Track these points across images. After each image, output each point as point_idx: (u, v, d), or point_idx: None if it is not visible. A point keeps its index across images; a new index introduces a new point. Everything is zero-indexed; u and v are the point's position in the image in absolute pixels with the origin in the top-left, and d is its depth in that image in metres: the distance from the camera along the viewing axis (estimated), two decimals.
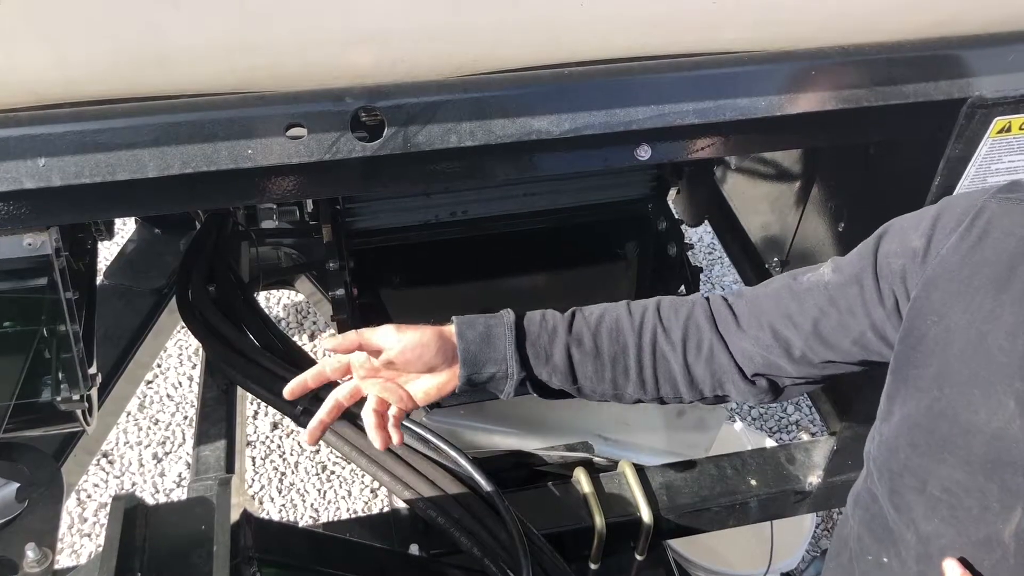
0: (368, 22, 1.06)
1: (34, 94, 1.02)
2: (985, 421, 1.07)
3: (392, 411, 1.26)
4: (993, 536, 1.07)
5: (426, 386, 1.30)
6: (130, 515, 1.37)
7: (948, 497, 1.12)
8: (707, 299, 1.29)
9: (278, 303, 3.64)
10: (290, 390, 1.23)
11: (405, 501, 1.57)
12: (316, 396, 1.60)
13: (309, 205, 2.01)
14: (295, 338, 3.45)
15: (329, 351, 1.24)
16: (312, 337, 3.53)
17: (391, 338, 1.25)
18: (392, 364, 1.27)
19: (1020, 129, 1.33)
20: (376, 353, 1.26)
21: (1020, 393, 1.03)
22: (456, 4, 1.07)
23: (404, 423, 1.61)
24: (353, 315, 1.87)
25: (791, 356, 1.23)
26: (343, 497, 2.98)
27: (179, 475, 3.01)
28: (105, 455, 3.05)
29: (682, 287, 2.09)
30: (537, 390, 1.34)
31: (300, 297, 3.42)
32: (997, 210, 1.06)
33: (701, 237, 3.91)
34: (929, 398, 1.12)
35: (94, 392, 1.42)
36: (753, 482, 1.88)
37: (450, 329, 1.30)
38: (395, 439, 1.24)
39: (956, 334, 1.09)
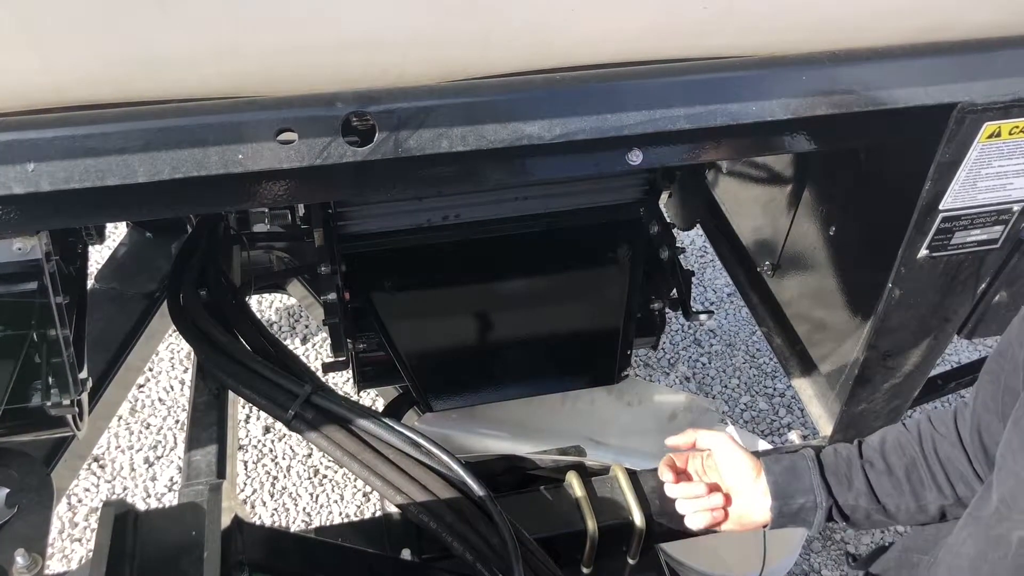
0: (359, 28, 1.06)
1: (23, 99, 1.02)
2: None
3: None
4: (1004, 536, 1.09)
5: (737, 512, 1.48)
6: (120, 521, 1.37)
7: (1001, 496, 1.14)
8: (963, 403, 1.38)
9: (270, 307, 3.63)
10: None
11: (397, 506, 1.57)
12: (308, 400, 1.60)
13: (301, 209, 2.01)
14: (287, 342, 3.45)
15: (669, 446, 1.53)
16: (304, 341, 3.52)
17: (726, 447, 1.47)
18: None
19: (1010, 134, 1.33)
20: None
21: None
22: (447, 10, 1.07)
23: (395, 425, 1.61)
24: (345, 319, 1.87)
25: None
26: (335, 501, 2.98)
27: (171, 479, 3.00)
28: (96, 459, 3.04)
29: (674, 291, 2.09)
30: (843, 519, 1.43)
31: (292, 301, 3.41)
32: None
33: (693, 240, 3.92)
34: (1020, 404, 1.15)
35: (85, 397, 1.41)
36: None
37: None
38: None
39: None
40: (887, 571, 1.57)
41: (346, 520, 2.87)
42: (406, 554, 1.63)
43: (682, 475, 1.58)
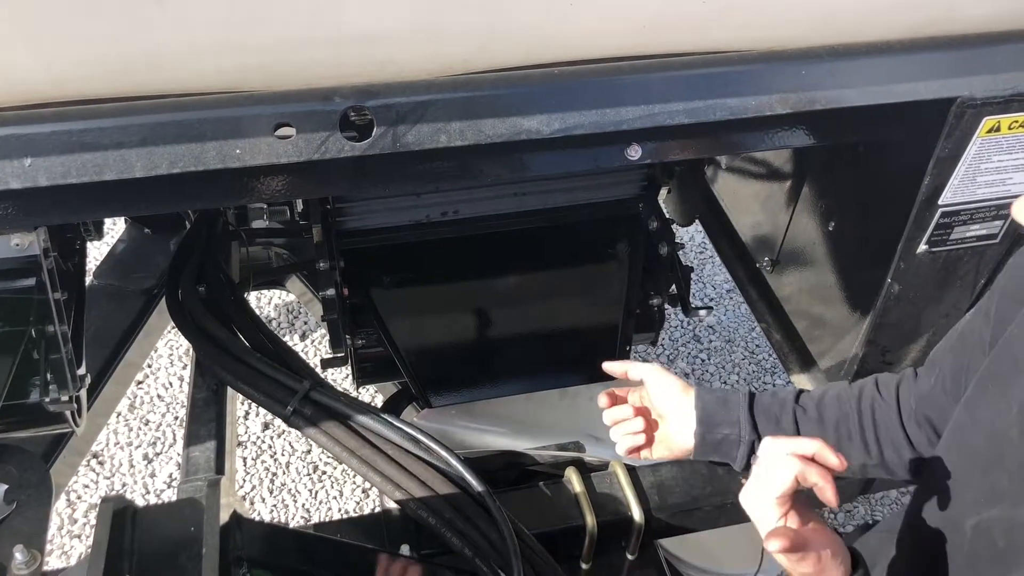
0: (357, 22, 1.06)
1: (20, 94, 1.02)
2: (989, 420, 1.09)
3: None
4: (959, 522, 1.10)
5: (664, 437, 1.47)
6: (119, 517, 1.37)
7: (950, 479, 1.14)
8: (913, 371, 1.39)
9: (269, 303, 3.63)
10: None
11: (396, 502, 1.57)
12: (306, 396, 1.60)
13: (299, 205, 2.00)
14: (286, 338, 3.44)
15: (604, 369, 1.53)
16: (303, 337, 3.52)
17: (656, 374, 1.47)
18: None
19: (1009, 129, 1.33)
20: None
21: (1023, 403, 1.05)
22: (445, 4, 1.07)
23: (394, 421, 1.61)
24: (343, 315, 1.87)
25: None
26: (334, 497, 2.98)
27: (170, 476, 3.00)
28: (95, 456, 3.04)
29: (673, 287, 2.09)
30: None
31: (291, 297, 3.41)
32: None
33: (692, 236, 3.91)
34: (972, 391, 1.16)
35: (83, 393, 1.41)
36: (744, 481, 1.87)
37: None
38: None
39: (1008, 338, 1.13)
40: (869, 552, 1.58)
41: (345, 516, 2.87)
42: (405, 550, 1.63)
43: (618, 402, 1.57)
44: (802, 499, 1.12)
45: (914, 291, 1.55)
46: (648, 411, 1.50)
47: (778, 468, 1.09)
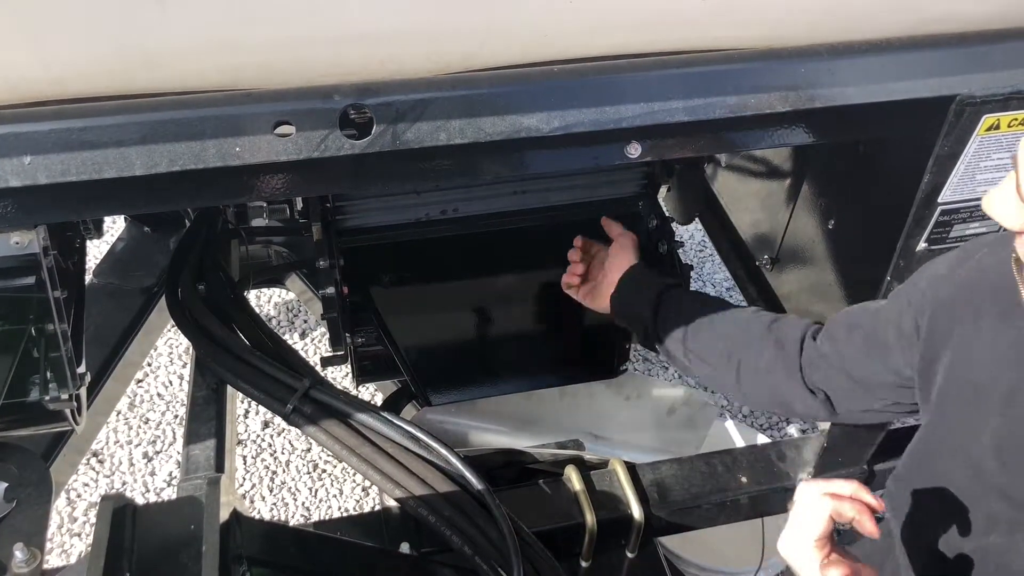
0: (357, 20, 1.06)
1: (18, 92, 1.02)
2: (964, 450, 1.09)
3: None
4: (951, 551, 1.10)
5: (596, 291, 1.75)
6: (118, 515, 1.37)
7: (941, 510, 1.14)
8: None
9: (268, 301, 3.63)
10: None
11: (396, 500, 1.57)
12: (306, 394, 1.60)
13: (299, 203, 2.00)
14: (285, 336, 3.45)
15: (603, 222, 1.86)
16: (303, 335, 3.52)
17: (623, 240, 1.76)
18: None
19: (1008, 126, 1.33)
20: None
21: (996, 430, 1.05)
22: (445, 2, 1.07)
23: (394, 419, 1.61)
24: (343, 313, 1.87)
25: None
26: (334, 496, 2.98)
27: (169, 474, 3.00)
28: (95, 454, 3.04)
29: None
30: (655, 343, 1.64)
31: (291, 295, 3.41)
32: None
33: (692, 235, 3.92)
34: (933, 416, 1.15)
35: (83, 391, 1.41)
36: (744, 479, 1.88)
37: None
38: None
39: (955, 359, 1.12)
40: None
41: (345, 514, 2.87)
42: (405, 548, 1.63)
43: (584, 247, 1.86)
44: (839, 543, 1.09)
45: None
46: (602, 263, 1.77)
47: (813, 509, 1.05)
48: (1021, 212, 0.94)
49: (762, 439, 2.67)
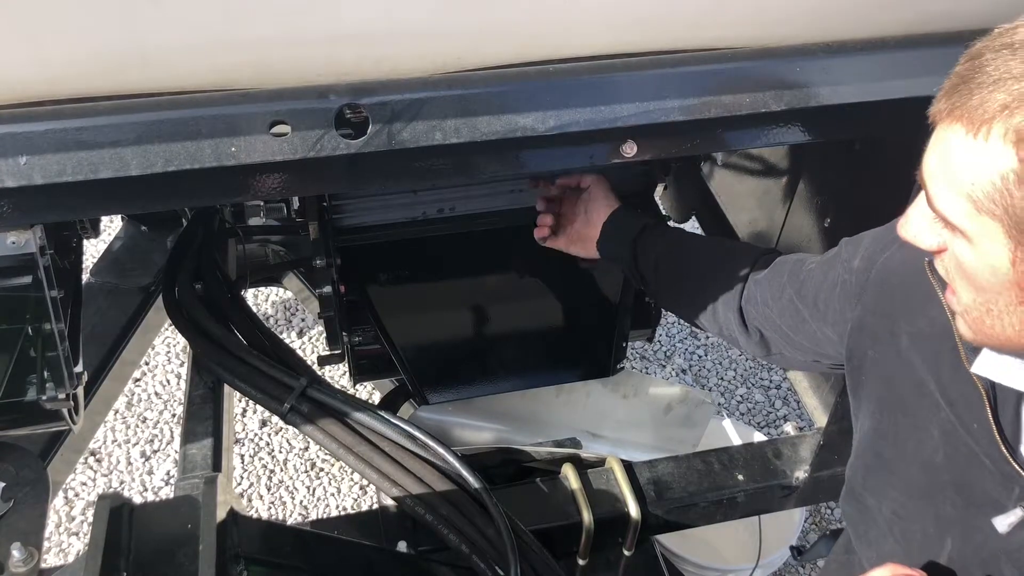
0: (352, 20, 1.06)
1: (14, 92, 1.02)
2: (915, 450, 1.09)
3: None
4: (935, 560, 1.10)
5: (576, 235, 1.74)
6: (115, 514, 1.37)
7: (898, 520, 1.14)
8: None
9: (266, 300, 3.63)
10: None
11: (393, 498, 1.57)
12: (303, 393, 1.60)
13: (296, 202, 2.00)
14: (283, 335, 3.45)
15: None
16: (300, 334, 3.52)
17: (600, 186, 1.73)
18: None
19: None
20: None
21: (944, 423, 1.04)
22: (440, 1, 1.07)
23: (391, 418, 1.61)
24: (340, 312, 1.87)
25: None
26: (332, 494, 2.98)
27: (167, 473, 3.01)
28: (93, 453, 3.04)
29: None
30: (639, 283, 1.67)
31: (288, 294, 3.41)
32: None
33: None
34: (875, 421, 1.15)
35: (80, 391, 1.41)
36: (740, 477, 1.88)
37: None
38: None
39: (888, 358, 1.12)
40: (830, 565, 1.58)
41: (342, 513, 2.88)
42: (402, 546, 1.64)
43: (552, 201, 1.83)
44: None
45: None
46: (574, 205, 1.75)
47: None
48: (935, 233, 0.94)
49: (759, 437, 2.67)
